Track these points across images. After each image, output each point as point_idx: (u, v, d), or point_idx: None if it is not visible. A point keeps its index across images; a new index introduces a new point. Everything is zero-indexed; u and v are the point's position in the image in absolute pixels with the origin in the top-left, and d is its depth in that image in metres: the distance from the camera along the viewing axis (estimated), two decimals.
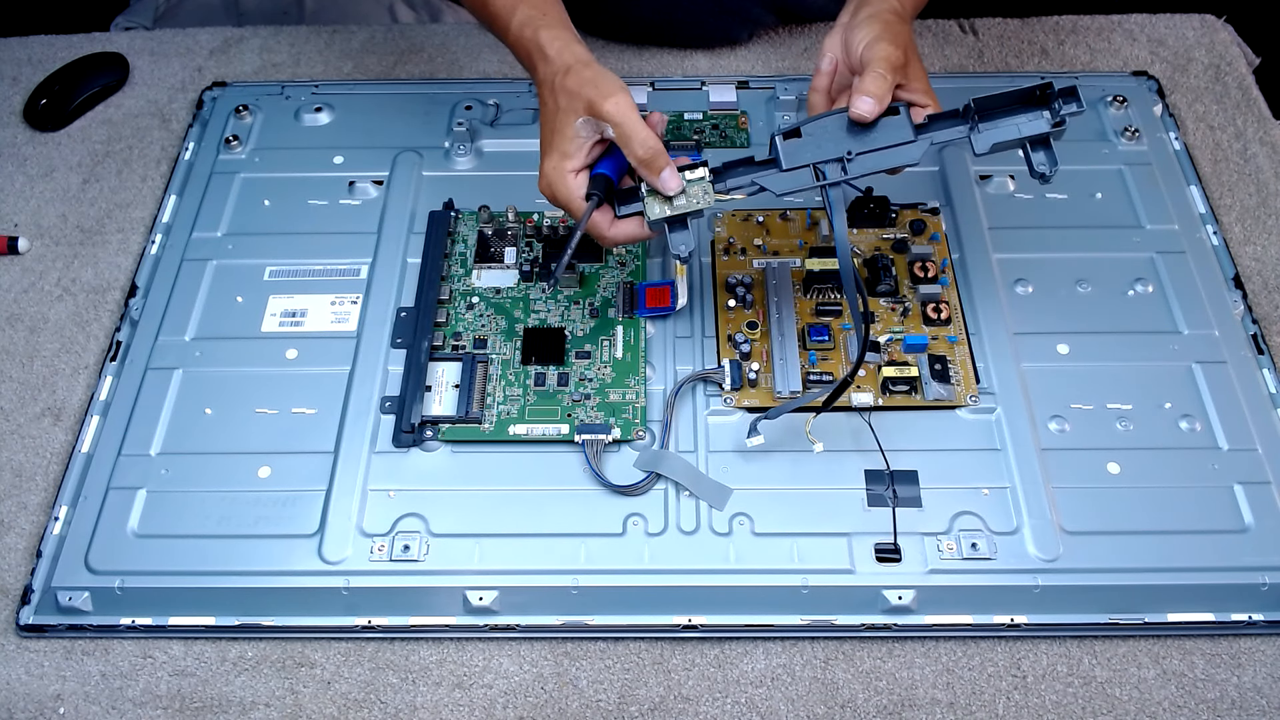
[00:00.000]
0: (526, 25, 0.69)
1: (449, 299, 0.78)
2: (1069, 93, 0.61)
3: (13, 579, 0.69)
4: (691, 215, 0.64)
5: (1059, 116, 0.62)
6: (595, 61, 0.66)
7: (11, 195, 0.90)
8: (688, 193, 0.64)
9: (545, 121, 0.67)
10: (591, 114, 0.64)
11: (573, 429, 0.71)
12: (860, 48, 0.65)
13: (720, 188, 0.65)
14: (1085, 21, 1.00)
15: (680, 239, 0.65)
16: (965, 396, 0.72)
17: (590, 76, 0.64)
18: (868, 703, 0.64)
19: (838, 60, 0.68)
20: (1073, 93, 0.61)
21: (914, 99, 0.65)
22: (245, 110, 0.92)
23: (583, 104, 0.64)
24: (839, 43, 0.68)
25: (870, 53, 0.64)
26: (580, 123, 0.64)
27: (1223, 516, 0.68)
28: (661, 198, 0.64)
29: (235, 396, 0.74)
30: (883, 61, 0.63)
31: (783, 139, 0.63)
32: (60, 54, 0.99)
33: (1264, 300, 0.80)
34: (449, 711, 0.64)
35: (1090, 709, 0.63)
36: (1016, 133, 0.62)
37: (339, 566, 0.66)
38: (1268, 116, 0.92)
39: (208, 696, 0.64)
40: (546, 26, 0.68)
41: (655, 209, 0.64)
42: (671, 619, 0.66)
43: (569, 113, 0.64)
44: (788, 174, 0.63)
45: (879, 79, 0.62)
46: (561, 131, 0.65)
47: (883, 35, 0.65)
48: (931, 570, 0.66)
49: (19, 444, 0.75)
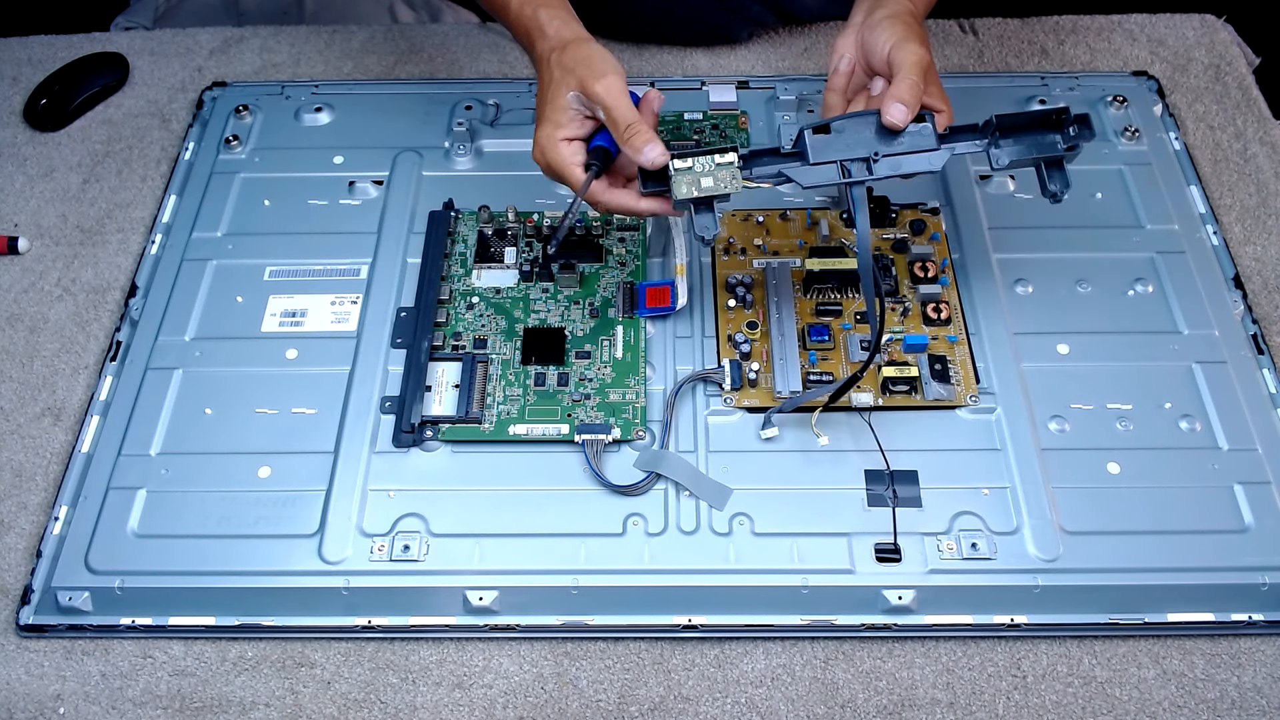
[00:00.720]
0: (526, 4, 0.71)
1: (449, 299, 0.78)
2: (1083, 121, 0.64)
3: (13, 579, 0.69)
4: (718, 199, 0.65)
5: (1071, 141, 0.64)
6: (592, 39, 0.68)
7: (11, 195, 0.90)
8: (716, 176, 0.64)
9: (540, 93, 0.69)
10: (583, 91, 0.66)
11: (573, 429, 0.71)
12: (887, 48, 0.66)
13: (747, 175, 0.65)
14: (1085, 21, 1.00)
15: (704, 221, 0.65)
16: (965, 396, 0.72)
17: (585, 55, 0.67)
18: (868, 703, 0.64)
19: (853, 60, 0.69)
20: (1086, 122, 0.64)
21: (930, 103, 0.66)
22: (245, 110, 0.92)
23: (576, 80, 0.66)
24: (854, 43, 0.69)
25: (900, 55, 0.65)
26: (572, 96, 0.66)
27: (1223, 516, 0.68)
28: (690, 179, 0.64)
29: (235, 396, 0.74)
30: (915, 67, 0.64)
31: (811, 133, 0.64)
32: (60, 54, 0.99)
33: (1264, 300, 0.80)
34: (449, 711, 0.64)
35: (1090, 709, 0.63)
36: (1033, 153, 0.65)
37: (339, 566, 0.66)
38: (1268, 116, 0.92)
39: (208, 696, 0.64)
40: (546, 6, 0.70)
41: (682, 189, 0.64)
42: (671, 619, 0.66)
43: (562, 85, 0.67)
44: (814, 169, 0.64)
45: (913, 86, 0.63)
46: (554, 103, 0.67)
47: (909, 37, 0.66)
48: (931, 570, 0.66)
49: (19, 444, 0.75)
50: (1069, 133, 0.64)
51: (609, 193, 0.68)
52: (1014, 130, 0.65)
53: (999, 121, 0.64)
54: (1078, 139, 0.64)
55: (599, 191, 0.68)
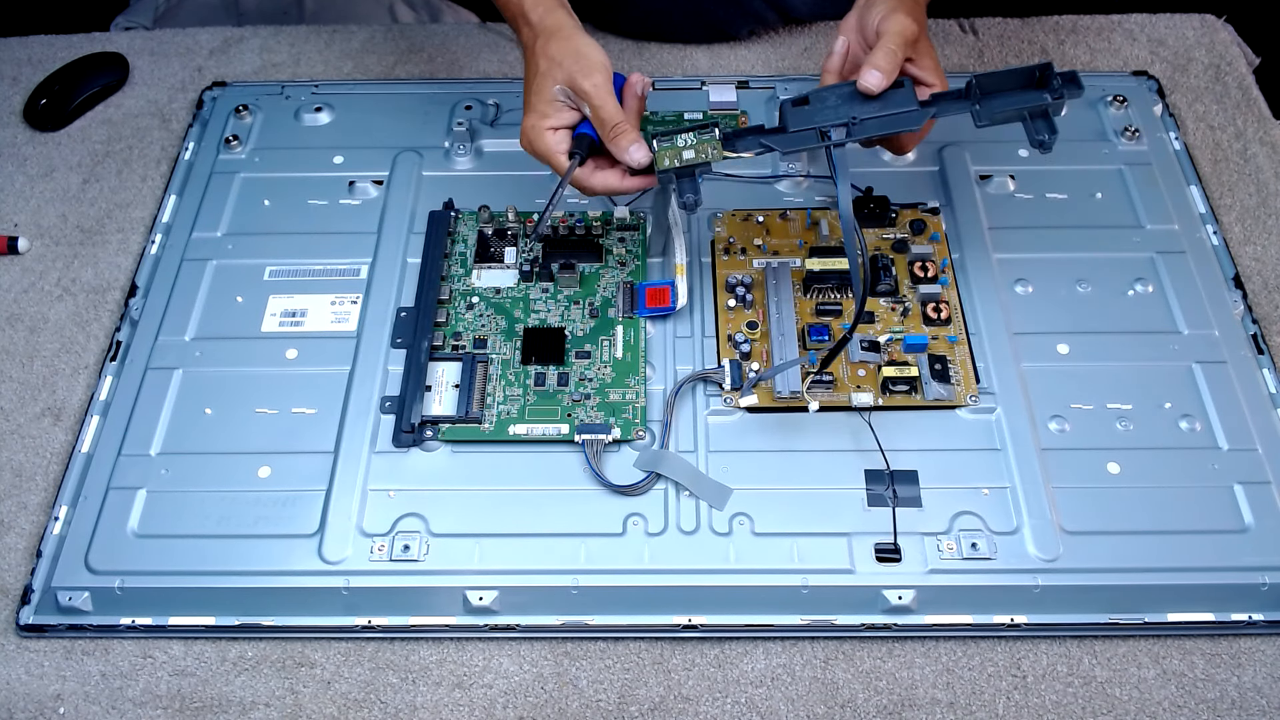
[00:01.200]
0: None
1: (449, 299, 0.78)
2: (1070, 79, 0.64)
3: (13, 579, 0.69)
4: (699, 168, 0.67)
5: (1058, 93, 0.64)
6: (578, 29, 0.69)
7: (11, 195, 0.90)
8: (697, 148, 0.66)
9: (527, 81, 0.70)
10: (570, 87, 0.67)
11: (573, 429, 0.71)
12: (876, 21, 0.67)
13: (728, 148, 0.67)
14: (1085, 21, 1.00)
15: (687, 188, 0.67)
16: (965, 396, 0.72)
17: (573, 49, 0.67)
18: (868, 703, 0.64)
19: (850, 42, 0.70)
20: (1074, 80, 0.64)
21: (922, 76, 0.67)
22: (245, 110, 0.92)
23: (564, 74, 0.67)
24: (854, 24, 0.70)
25: (885, 25, 0.66)
26: (558, 89, 0.67)
27: (1223, 516, 0.68)
28: (672, 152, 0.66)
29: (235, 396, 0.74)
30: (896, 36, 0.65)
31: (791, 105, 0.66)
32: (60, 54, 0.99)
33: (1264, 300, 0.80)
34: (449, 711, 0.64)
35: (1090, 709, 0.63)
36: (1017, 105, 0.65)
37: (339, 566, 0.66)
38: (1268, 116, 0.92)
39: (208, 696, 0.64)
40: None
41: (664, 161, 0.66)
42: (671, 619, 0.66)
43: (548, 77, 0.68)
44: (793, 135, 0.66)
45: (889, 54, 0.64)
46: (540, 93, 0.68)
47: (898, 9, 0.67)
48: (931, 570, 0.66)
49: (19, 444, 0.75)
50: (1055, 86, 0.64)
51: (594, 175, 0.69)
52: (996, 92, 0.65)
53: (980, 83, 0.64)
54: (1063, 93, 0.64)
55: (585, 175, 0.69)
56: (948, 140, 0.86)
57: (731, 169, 0.84)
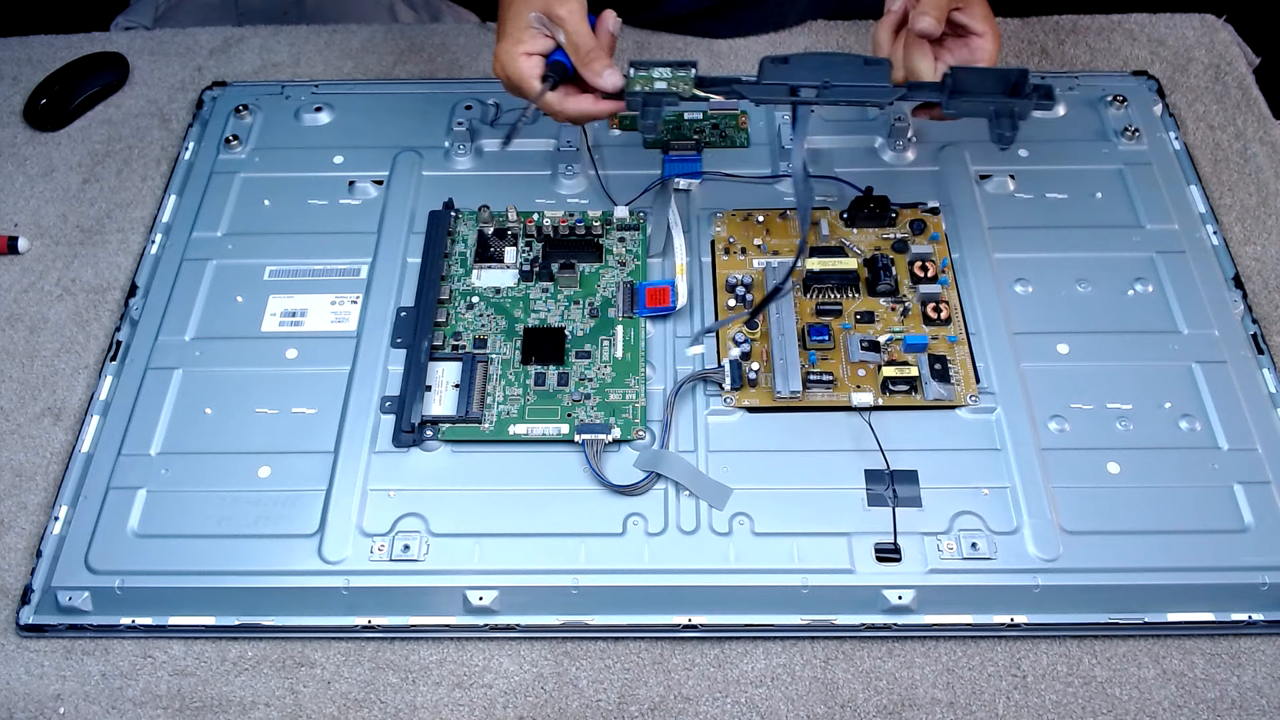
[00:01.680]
0: None
1: (449, 299, 0.78)
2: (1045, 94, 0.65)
3: (13, 579, 0.69)
4: (668, 99, 0.68)
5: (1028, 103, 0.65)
6: None
7: (11, 195, 0.90)
8: (670, 80, 0.68)
9: (503, 9, 0.71)
10: (545, 14, 0.68)
11: (573, 429, 0.71)
12: None
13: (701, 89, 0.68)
14: (1085, 21, 1.00)
15: (652, 114, 0.68)
16: (965, 396, 0.72)
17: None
18: (868, 703, 0.64)
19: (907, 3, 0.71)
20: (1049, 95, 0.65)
21: (970, 24, 0.69)
22: (245, 110, 0.92)
23: (539, 1, 0.69)
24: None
25: None
26: (534, 16, 0.69)
27: (1223, 516, 0.68)
28: (644, 80, 0.68)
29: (235, 396, 0.74)
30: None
31: (770, 62, 0.67)
32: (60, 54, 0.99)
33: (1264, 300, 0.80)
34: (449, 711, 0.64)
35: (1090, 709, 0.63)
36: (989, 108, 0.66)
37: (339, 566, 0.66)
38: (1268, 116, 0.92)
39: (208, 696, 0.64)
40: None
41: (636, 85, 0.69)
42: (671, 619, 0.66)
43: (524, 3, 0.69)
44: (765, 86, 0.67)
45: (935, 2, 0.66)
46: (516, 19, 0.70)
47: None
48: (931, 570, 0.66)
49: (19, 444, 0.75)
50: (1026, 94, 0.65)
51: (566, 101, 0.70)
52: (970, 91, 0.66)
53: (955, 79, 0.66)
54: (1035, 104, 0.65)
55: (557, 101, 0.70)
56: (948, 140, 0.86)
57: (731, 169, 0.85)
